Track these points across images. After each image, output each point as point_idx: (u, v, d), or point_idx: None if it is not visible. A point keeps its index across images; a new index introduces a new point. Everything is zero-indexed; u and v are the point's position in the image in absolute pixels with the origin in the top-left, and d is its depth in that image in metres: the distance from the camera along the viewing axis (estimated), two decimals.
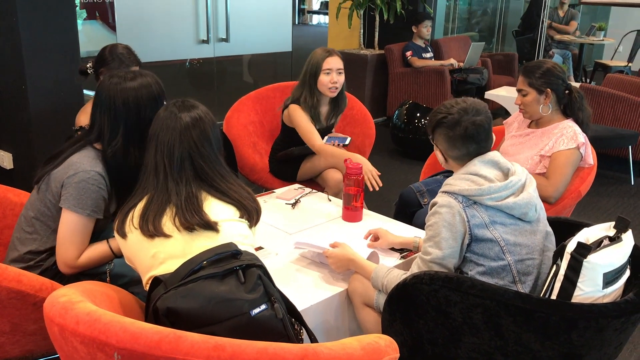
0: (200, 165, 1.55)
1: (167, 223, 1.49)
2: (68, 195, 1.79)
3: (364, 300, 1.93)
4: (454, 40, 6.73)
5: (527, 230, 1.75)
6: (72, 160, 1.84)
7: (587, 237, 1.66)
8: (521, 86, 2.59)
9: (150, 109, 1.82)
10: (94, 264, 1.87)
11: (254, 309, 1.30)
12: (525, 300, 1.49)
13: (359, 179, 2.45)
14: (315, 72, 2.92)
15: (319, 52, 2.95)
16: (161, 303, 1.29)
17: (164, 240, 1.48)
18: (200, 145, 1.55)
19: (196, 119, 1.57)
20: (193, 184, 1.53)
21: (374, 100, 6.04)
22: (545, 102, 2.55)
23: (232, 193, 1.57)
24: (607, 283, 1.57)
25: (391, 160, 5.04)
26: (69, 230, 1.81)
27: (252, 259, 1.39)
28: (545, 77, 2.52)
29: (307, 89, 2.95)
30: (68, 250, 1.81)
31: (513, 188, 1.74)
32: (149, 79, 1.88)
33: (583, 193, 2.47)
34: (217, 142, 1.61)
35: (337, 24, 6.25)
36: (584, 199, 2.66)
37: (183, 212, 1.48)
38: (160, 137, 1.56)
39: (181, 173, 1.53)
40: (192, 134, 1.54)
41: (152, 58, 4.51)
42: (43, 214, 1.87)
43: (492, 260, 1.71)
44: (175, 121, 1.55)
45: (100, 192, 1.82)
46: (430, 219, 1.76)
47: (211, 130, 1.59)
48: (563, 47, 7.65)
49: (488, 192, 1.70)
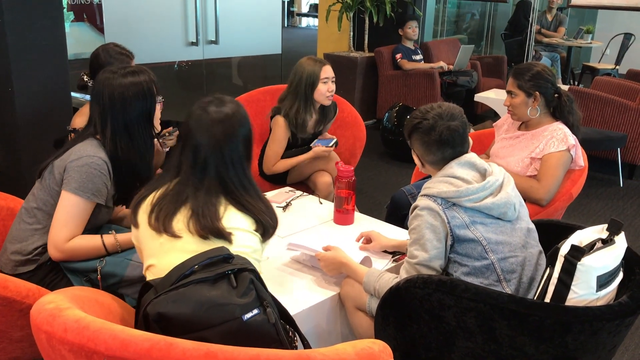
0: (224, 172, 1.52)
1: (178, 224, 1.48)
2: (70, 178, 1.80)
3: (356, 305, 1.91)
4: (443, 43, 6.74)
5: (508, 228, 1.76)
6: (75, 149, 1.86)
7: (581, 239, 1.66)
8: (510, 88, 2.59)
9: (136, 105, 1.87)
10: (82, 253, 1.85)
11: (246, 313, 1.28)
12: (519, 304, 1.48)
13: (350, 182, 2.44)
14: (312, 82, 2.94)
15: (311, 63, 2.96)
16: (151, 308, 1.26)
17: (172, 238, 1.48)
18: (226, 144, 1.52)
19: (227, 115, 1.54)
20: (213, 190, 1.51)
21: (364, 103, 6.04)
22: (533, 105, 2.55)
23: (250, 206, 1.54)
24: (601, 286, 1.57)
25: (381, 163, 5.03)
26: (66, 211, 1.80)
27: (244, 263, 1.37)
28: (535, 80, 2.52)
29: (301, 99, 2.96)
30: (60, 232, 1.80)
31: (491, 188, 1.74)
32: (141, 77, 1.90)
33: (574, 195, 2.47)
34: (245, 144, 1.57)
35: (326, 26, 6.24)
36: (574, 201, 2.66)
37: (199, 218, 1.47)
38: (189, 133, 1.54)
39: (203, 177, 1.51)
40: (219, 130, 1.52)
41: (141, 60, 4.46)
42: (46, 203, 1.87)
43: (475, 260, 1.71)
44: (203, 116, 1.53)
45: (102, 177, 1.83)
46: (412, 222, 1.77)
47: (239, 130, 1.56)
48: (551, 50, 7.69)
49: (466, 193, 1.71)
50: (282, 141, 3.03)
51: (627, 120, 4.62)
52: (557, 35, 7.73)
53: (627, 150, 4.68)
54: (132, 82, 1.87)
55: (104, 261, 1.88)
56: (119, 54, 2.57)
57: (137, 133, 1.90)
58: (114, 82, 1.87)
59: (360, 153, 3.34)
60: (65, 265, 1.87)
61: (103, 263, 1.87)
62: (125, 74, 1.89)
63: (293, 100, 2.98)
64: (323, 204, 2.71)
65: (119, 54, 2.57)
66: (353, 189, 2.46)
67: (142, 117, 1.90)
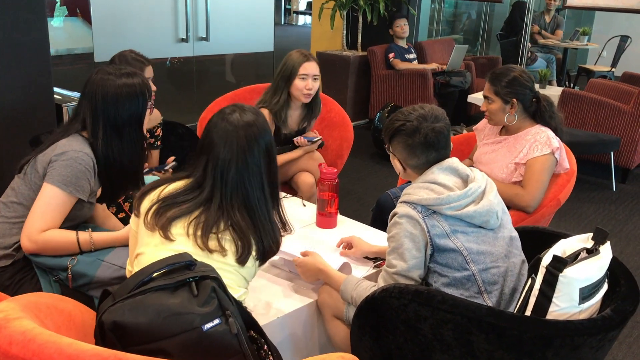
0: (243, 182, 1.52)
1: (178, 229, 1.48)
2: (53, 171, 1.79)
3: (333, 313, 1.86)
4: (437, 43, 6.68)
5: (490, 237, 1.69)
6: (60, 143, 1.85)
7: (564, 249, 1.60)
8: (487, 93, 2.51)
9: (128, 107, 1.87)
10: (54, 247, 1.80)
11: (206, 323, 1.22)
12: (497, 317, 1.42)
13: (333, 184, 2.37)
14: (289, 75, 2.84)
15: (295, 56, 2.88)
16: (107, 316, 1.20)
17: (164, 239, 1.46)
18: (247, 152, 1.52)
19: (249, 123, 1.54)
20: (225, 202, 1.51)
21: (356, 103, 5.97)
22: (510, 111, 2.48)
23: (259, 224, 1.54)
24: (584, 298, 1.51)
25: (371, 164, 4.97)
26: (45, 202, 1.77)
27: (206, 270, 1.31)
28: (512, 86, 2.45)
29: (279, 92, 2.88)
30: (36, 222, 1.76)
31: (473, 196, 1.68)
32: (135, 80, 1.91)
33: (562, 201, 2.41)
34: (266, 155, 1.58)
35: (320, 24, 6.17)
36: (564, 205, 2.60)
37: (202, 231, 1.47)
38: (215, 146, 1.53)
39: (233, 201, 1.51)
40: (241, 136, 1.52)
41: None
42: (27, 197, 1.84)
43: (456, 270, 1.65)
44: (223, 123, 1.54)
45: (86, 173, 1.82)
46: (391, 229, 1.70)
47: (260, 139, 1.56)
48: (547, 52, 7.63)
49: (447, 201, 1.64)
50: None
51: (621, 123, 4.56)
52: (556, 38, 7.67)
53: (620, 153, 4.63)
54: (125, 83, 1.88)
55: (75, 259, 1.83)
56: (135, 60, 2.55)
57: (126, 134, 1.89)
58: (108, 82, 1.87)
59: (347, 154, 3.27)
60: (36, 261, 1.82)
61: (75, 261, 1.83)
62: (119, 75, 1.90)
63: (274, 92, 2.91)
64: (306, 206, 2.65)
65: (135, 60, 2.55)
66: (336, 192, 2.40)
67: (132, 119, 1.89)
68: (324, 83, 6.07)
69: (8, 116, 3.05)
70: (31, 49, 3.07)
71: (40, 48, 3.12)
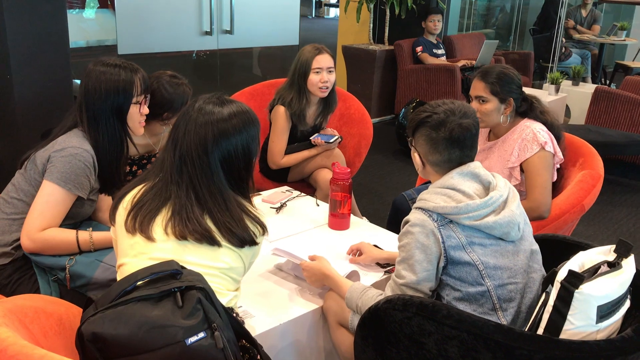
0: (202, 178, 1.43)
1: (157, 227, 1.41)
2: (53, 168, 1.76)
3: (339, 321, 1.78)
4: (467, 37, 6.51)
5: (509, 250, 1.57)
6: (59, 139, 1.84)
7: (583, 262, 1.49)
8: (481, 93, 2.32)
9: (106, 99, 1.84)
10: (53, 246, 1.78)
11: (190, 337, 1.16)
12: (506, 335, 1.33)
13: (345, 185, 2.29)
14: (304, 72, 2.78)
15: (307, 50, 2.81)
16: (86, 327, 1.15)
17: (145, 240, 1.40)
18: (213, 148, 1.43)
19: (222, 118, 1.45)
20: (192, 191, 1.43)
21: (381, 98, 5.87)
22: (505, 111, 2.33)
23: (220, 217, 1.42)
24: (602, 317, 1.40)
25: (395, 161, 4.86)
26: (44, 200, 1.75)
27: (193, 280, 1.24)
28: (508, 85, 2.29)
29: (295, 89, 2.82)
30: (35, 220, 1.74)
31: (494, 205, 1.56)
32: (122, 75, 1.86)
33: (587, 207, 2.27)
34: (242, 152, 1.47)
35: (347, 18, 6.07)
36: (593, 208, 2.45)
37: (181, 219, 1.39)
38: (176, 126, 1.47)
39: (182, 176, 1.43)
40: (208, 131, 1.43)
41: (152, 49, 4.39)
42: (27, 193, 1.82)
43: (470, 285, 1.53)
44: (191, 112, 1.46)
45: (86, 170, 1.79)
46: (402, 238, 1.60)
47: (235, 137, 1.45)
48: (582, 47, 7.38)
49: (466, 210, 1.52)
50: (284, 132, 2.88)
51: None
52: (591, 32, 7.42)
53: None
54: (108, 77, 1.85)
55: (73, 259, 1.81)
56: (179, 85, 2.34)
57: (103, 126, 1.86)
58: (93, 73, 1.85)
59: (366, 152, 3.18)
60: (35, 260, 1.80)
61: (72, 261, 1.80)
62: (108, 65, 1.87)
63: (290, 89, 2.85)
64: (320, 205, 2.58)
65: (179, 85, 2.33)
66: (349, 192, 2.32)
67: (111, 112, 1.85)
68: (349, 77, 5.97)
69: (27, 109, 3.05)
70: (50, 42, 3.06)
71: (59, 41, 3.11)
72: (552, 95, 5.27)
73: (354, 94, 3.60)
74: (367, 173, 4.46)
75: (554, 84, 5.29)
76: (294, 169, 2.98)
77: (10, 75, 2.99)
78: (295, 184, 2.98)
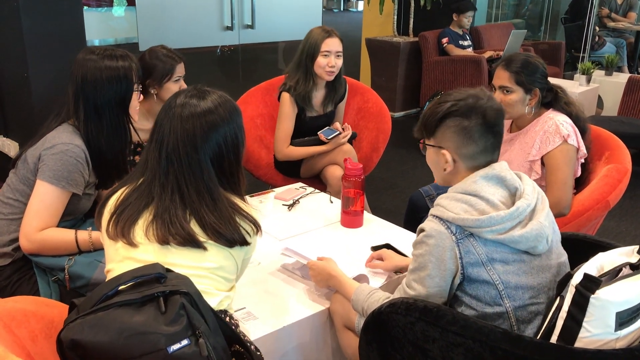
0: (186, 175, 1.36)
1: (139, 231, 1.35)
2: (44, 167, 1.73)
3: (345, 323, 1.71)
4: (495, 28, 6.34)
5: (535, 267, 1.43)
6: (49, 136, 1.80)
7: (602, 264, 1.38)
8: (505, 82, 2.21)
9: (108, 89, 1.80)
10: (52, 246, 1.75)
11: (173, 344, 1.10)
12: (514, 343, 1.24)
13: (358, 181, 2.21)
14: (313, 53, 2.72)
15: (317, 32, 2.74)
16: (65, 334, 1.10)
17: (128, 246, 1.34)
18: (198, 142, 1.36)
19: (204, 111, 1.38)
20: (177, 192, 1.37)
21: (406, 91, 5.75)
22: (530, 102, 2.21)
23: (207, 219, 1.35)
24: (622, 324, 1.29)
25: (418, 155, 4.71)
26: (39, 200, 1.73)
27: (177, 284, 1.18)
28: (534, 74, 2.18)
29: (302, 71, 2.76)
30: (32, 221, 1.72)
31: (520, 217, 1.40)
32: (119, 63, 1.83)
33: (612, 203, 2.14)
34: (224, 148, 1.40)
35: (370, 10, 5.97)
36: (621, 203, 2.32)
37: (164, 222, 1.33)
38: (159, 124, 1.41)
39: (168, 175, 1.36)
40: (189, 126, 1.37)
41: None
42: (22, 193, 1.80)
43: (487, 305, 1.40)
44: (174, 108, 1.39)
45: (78, 165, 1.76)
46: (416, 247, 1.45)
47: (217, 129, 1.38)
48: (617, 35, 7.12)
49: (489, 223, 1.37)
50: (290, 118, 2.81)
51: None
52: (627, 20, 7.15)
53: None
54: (107, 65, 1.81)
55: (72, 260, 1.78)
56: (166, 56, 2.36)
57: (106, 118, 1.82)
58: (89, 63, 1.81)
59: (384, 147, 3.09)
60: (35, 260, 1.78)
61: (71, 262, 1.77)
62: (103, 56, 1.83)
63: (296, 71, 2.78)
64: (333, 202, 2.51)
65: (166, 56, 2.36)
66: (362, 189, 2.24)
67: (114, 101, 1.82)
68: (373, 70, 5.87)
69: (44, 107, 3.06)
70: (67, 40, 3.05)
71: (75, 38, 3.10)
72: (583, 86, 5.09)
73: (378, 87, 3.52)
74: (389, 168, 4.36)
75: (585, 74, 5.11)
76: (305, 165, 2.91)
77: (27, 73, 3.00)
78: (310, 180, 2.91)
